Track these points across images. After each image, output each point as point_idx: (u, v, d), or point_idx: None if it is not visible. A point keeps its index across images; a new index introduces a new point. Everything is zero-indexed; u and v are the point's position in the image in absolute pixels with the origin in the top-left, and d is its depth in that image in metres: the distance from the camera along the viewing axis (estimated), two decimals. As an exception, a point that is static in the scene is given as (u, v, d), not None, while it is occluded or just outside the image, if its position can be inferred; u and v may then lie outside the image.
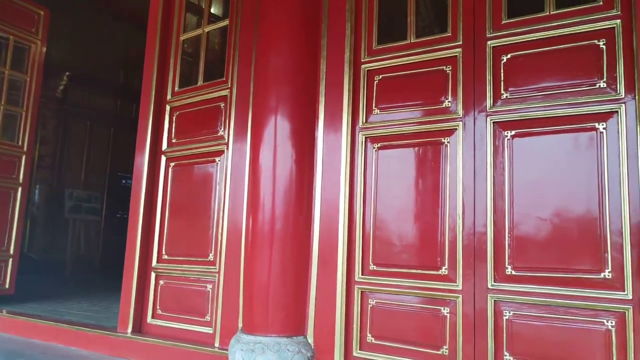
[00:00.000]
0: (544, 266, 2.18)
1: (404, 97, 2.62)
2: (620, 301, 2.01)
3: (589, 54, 2.18)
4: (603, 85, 2.14)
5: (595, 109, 2.13)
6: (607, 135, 2.11)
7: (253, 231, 2.66)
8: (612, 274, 2.04)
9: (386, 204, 2.59)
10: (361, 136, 2.69)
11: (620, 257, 2.03)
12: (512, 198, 2.27)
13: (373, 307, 2.55)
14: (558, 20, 2.25)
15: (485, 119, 2.35)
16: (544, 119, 2.24)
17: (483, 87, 2.37)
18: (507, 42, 2.35)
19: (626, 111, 2.07)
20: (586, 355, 2.06)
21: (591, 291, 2.07)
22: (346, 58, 2.74)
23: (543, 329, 2.15)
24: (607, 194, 2.08)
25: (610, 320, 2.03)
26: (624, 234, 2.03)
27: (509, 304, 2.23)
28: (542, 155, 2.24)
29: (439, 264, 2.40)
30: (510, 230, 2.25)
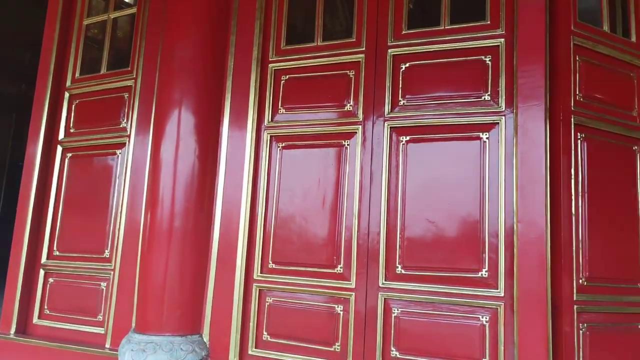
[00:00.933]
0: (431, 265, 2.31)
1: (309, 98, 2.66)
2: (494, 298, 2.18)
3: (477, 68, 2.34)
4: (488, 98, 2.30)
5: (481, 119, 2.30)
6: (489, 145, 2.28)
7: (151, 227, 2.57)
8: (488, 273, 2.21)
9: (288, 203, 2.62)
10: (266, 135, 2.69)
11: (495, 257, 2.20)
12: (405, 201, 2.38)
13: (270, 305, 2.56)
14: (451, 34, 2.39)
15: (383, 123, 2.45)
16: (437, 126, 2.37)
17: (383, 93, 2.47)
18: (406, 52, 2.47)
19: (506, 123, 2.24)
20: (464, 349, 2.20)
21: (470, 289, 2.22)
22: (254, 56, 2.73)
23: (427, 325, 2.27)
24: (487, 199, 2.24)
25: (485, 316, 2.19)
26: (500, 236, 2.19)
27: (397, 302, 2.33)
28: (433, 160, 2.37)
29: (335, 263, 2.46)
30: (402, 232, 2.36)
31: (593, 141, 2.31)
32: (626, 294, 2.32)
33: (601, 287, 2.24)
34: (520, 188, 2.16)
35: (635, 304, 2.32)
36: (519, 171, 2.17)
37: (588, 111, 2.30)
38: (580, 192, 2.24)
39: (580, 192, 2.24)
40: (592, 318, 2.19)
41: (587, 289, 2.19)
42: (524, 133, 2.18)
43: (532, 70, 2.20)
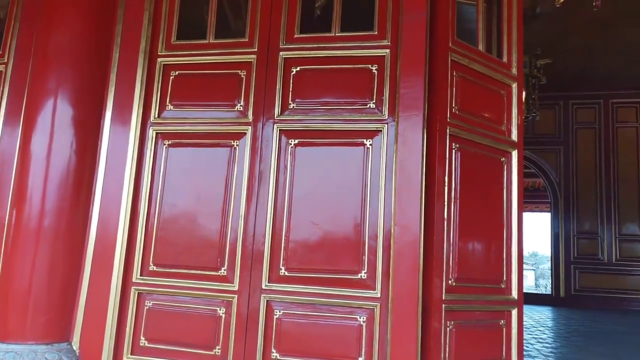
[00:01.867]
0: (314, 267, 2.34)
1: (199, 96, 2.60)
2: (372, 299, 2.26)
3: (364, 76, 2.42)
4: (373, 106, 2.39)
5: (365, 126, 2.38)
6: (372, 151, 2.36)
7: (16, 226, 2.37)
8: (367, 274, 2.28)
9: (173, 204, 2.54)
10: (152, 131, 2.58)
11: (374, 259, 2.28)
12: (292, 203, 2.40)
13: (149, 309, 2.46)
14: (341, 42, 2.45)
15: (272, 126, 2.45)
16: (324, 131, 2.42)
17: (273, 95, 2.47)
18: (298, 56, 2.49)
19: (388, 131, 2.34)
20: (342, 348, 2.26)
21: (350, 290, 2.28)
22: (141, 48, 2.61)
23: (308, 326, 2.31)
24: (369, 203, 2.32)
25: (363, 316, 2.26)
26: (379, 239, 2.28)
27: (280, 304, 2.34)
28: (320, 164, 2.42)
29: (218, 265, 2.42)
30: (287, 234, 2.38)
31: (466, 151, 2.48)
32: (491, 293, 2.52)
33: (468, 287, 2.41)
34: (398, 193, 2.26)
35: (499, 302, 2.54)
36: (397, 177, 2.27)
37: (463, 123, 2.47)
38: (453, 199, 2.40)
39: (453, 199, 2.39)
40: (459, 316, 2.35)
41: (455, 289, 2.35)
42: (403, 141, 2.29)
43: (413, 81, 2.31)
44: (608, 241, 8.87)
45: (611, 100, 9.18)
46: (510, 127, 2.70)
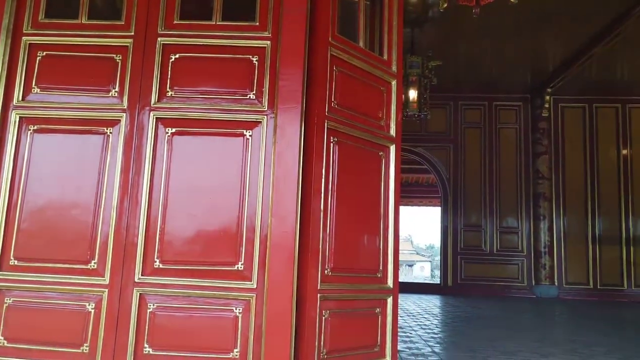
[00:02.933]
0: (191, 259, 2.30)
1: (70, 79, 2.43)
2: (248, 290, 2.26)
3: (244, 66, 2.41)
4: (253, 97, 2.39)
5: (245, 117, 2.37)
6: (252, 143, 2.36)
7: None
8: (244, 266, 2.29)
9: (38, 194, 2.36)
10: (15, 115, 2.38)
11: (251, 250, 2.29)
12: (168, 194, 2.33)
13: (10, 306, 2.27)
14: (222, 31, 2.42)
15: (149, 113, 2.36)
16: (203, 120, 2.37)
17: (150, 82, 2.38)
18: (177, 42, 2.42)
19: (267, 123, 2.35)
20: (217, 341, 2.24)
21: (227, 282, 2.27)
22: (4, 25, 2.39)
23: (183, 320, 2.26)
24: (247, 195, 2.32)
25: (239, 308, 2.26)
26: (257, 230, 2.29)
27: (154, 297, 2.27)
28: (199, 154, 2.37)
29: (88, 259, 2.29)
30: (163, 225, 2.30)
31: (344, 145, 2.56)
32: (367, 282, 2.63)
33: (344, 277, 2.50)
34: (276, 185, 2.29)
35: (375, 291, 2.66)
36: (275, 169, 2.30)
37: (342, 117, 2.54)
38: (330, 191, 2.46)
39: (330, 191, 2.46)
40: (335, 305, 2.43)
41: (331, 278, 2.42)
42: (281, 133, 2.32)
43: (292, 74, 2.35)
44: (490, 233, 9.70)
45: (495, 103, 10.01)
46: (389, 123, 2.84)
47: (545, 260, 9.27)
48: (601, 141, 9.66)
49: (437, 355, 3.52)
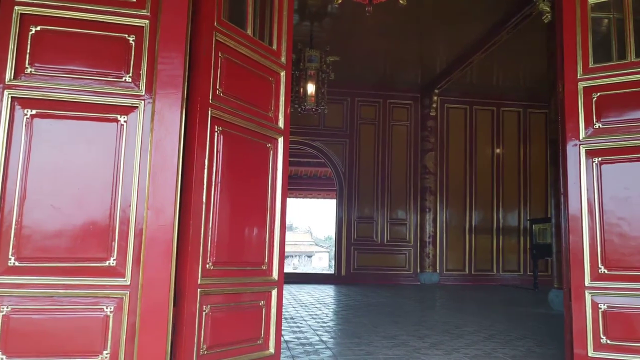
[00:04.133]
0: (54, 256, 2.08)
1: None
2: (121, 287, 2.10)
3: (119, 46, 2.22)
4: (129, 80, 2.22)
5: (119, 101, 2.19)
6: (127, 129, 2.19)
7: None
8: (117, 261, 2.12)
9: None
10: None
11: (125, 245, 2.13)
12: (26, 183, 2.08)
13: None
14: (94, 4, 2.20)
15: (2, 92, 2.08)
16: (71, 102, 2.15)
17: (5, 57, 2.09)
18: (38, 13, 2.15)
19: (145, 108, 2.20)
20: (85, 343, 2.06)
21: (96, 279, 2.09)
22: None
23: (45, 322, 2.04)
24: (121, 185, 2.16)
25: (110, 306, 2.10)
26: (131, 223, 2.14)
27: (8, 298, 2.02)
28: (65, 140, 2.14)
29: None
30: (19, 219, 2.05)
31: (230, 135, 2.48)
32: (251, 275, 2.58)
33: (227, 270, 2.43)
34: (153, 175, 2.15)
35: (259, 284, 2.62)
36: (153, 158, 2.16)
37: (227, 106, 2.46)
38: (214, 183, 2.38)
39: (214, 183, 2.37)
40: (217, 299, 2.36)
41: (213, 272, 2.34)
42: (160, 120, 2.18)
43: (172, 58, 2.21)
44: (381, 225, 10.15)
45: (389, 101, 10.46)
46: (278, 114, 2.81)
47: (429, 249, 9.95)
48: (479, 140, 10.55)
49: (324, 344, 3.59)
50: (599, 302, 2.64)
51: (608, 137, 2.71)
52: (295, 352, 3.26)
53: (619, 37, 2.85)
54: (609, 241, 2.66)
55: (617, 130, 2.71)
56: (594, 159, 2.74)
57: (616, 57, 2.86)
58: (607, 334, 2.60)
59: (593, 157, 2.74)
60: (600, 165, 2.73)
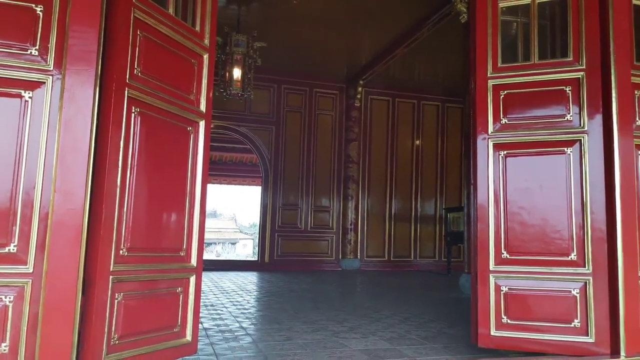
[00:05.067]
0: (-56, 242, 1.90)
1: None
2: (22, 275, 1.97)
3: (25, 16, 2.05)
4: (35, 53, 2.05)
5: (24, 75, 2.02)
6: (32, 106, 2.04)
7: None
8: (18, 247, 1.98)
9: None
10: None
11: (28, 229, 1.99)
12: None
13: None
14: (-5, -32, 2.01)
15: None
16: (-33, 74, 1.96)
17: None
18: None
19: (53, 85, 2.05)
20: (-20, 336, 1.91)
21: (-6, 267, 1.94)
22: None
23: None
24: (24, 166, 2.00)
25: (10, 296, 1.95)
26: (35, 206, 2.00)
27: None
28: (-42, 115, 1.95)
29: None
30: None
31: (148, 117, 2.39)
32: (169, 261, 2.52)
33: (143, 256, 2.35)
34: (61, 156, 2.02)
35: (177, 270, 2.56)
36: (61, 138, 2.02)
37: (145, 87, 2.36)
38: (130, 165, 2.28)
39: (129, 165, 2.27)
40: (130, 287, 2.27)
41: (127, 259, 2.25)
42: (70, 98, 2.04)
43: (84, 32, 2.08)
44: (305, 212, 10.26)
45: (315, 89, 10.54)
46: (200, 98, 2.73)
47: (351, 236, 10.22)
48: (400, 132, 10.95)
49: (244, 330, 3.59)
50: (501, 284, 2.87)
51: (512, 132, 2.93)
52: (214, 340, 3.24)
53: (525, 40, 3.07)
54: (511, 228, 2.89)
55: (520, 126, 2.93)
56: (500, 152, 2.95)
57: (522, 58, 3.08)
58: (508, 314, 2.84)
59: (499, 150, 2.95)
60: (505, 158, 2.94)
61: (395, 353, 3.00)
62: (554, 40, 3.21)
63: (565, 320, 2.74)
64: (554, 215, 2.83)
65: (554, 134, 2.88)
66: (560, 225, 2.82)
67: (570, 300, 2.75)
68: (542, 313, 2.78)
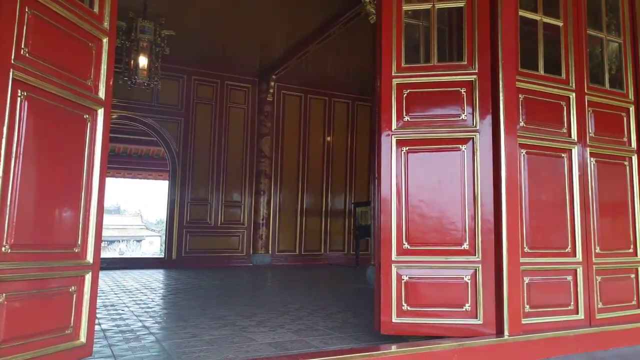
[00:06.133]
0: None
1: None
2: None
3: None
4: None
5: None
6: None
7: None
8: None
9: None
10: None
11: None
12: None
13: None
14: None
15: None
16: None
17: None
18: None
19: None
20: None
21: None
22: None
23: None
24: None
25: None
26: None
27: None
28: None
29: None
30: None
31: (38, 102, 2.20)
32: (61, 259, 2.34)
33: (30, 254, 2.17)
34: None
35: (70, 268, 2.39)
36: None
37: (34, 69, 2.17)
38: (15, 155, 2.08)
39: (14, 155, 2.08)
40: (16, 287, 2.09)
41: (12, 256, 2.06)
42: (-59, 77, 1.83)
43: (-41, 5, 1.87)
44: (216, 207, 10.06)
45: (227, 82, 10.35)
46: (98, 84, 2.57)
47: (262, 231, 10.19)
48: (312, 128, 11.10)
49: (147, 329, 3.45)
50: (402, 274, 3.02)
51: (414, 129, 3.10)
52: (113, 341, 3.07)
53: (427, 43, 3.25)
54: (412, 220, 3.05)
55: (421, 124, 3.10)
56: (403, 148, 3.10)
57: (424, 60, 3.26)
58: (408, 302, 3.00)
59: (402, 146, 3.10)
60: (407, 154, 3.10)
61: (302, 344, 3.05)
62: (451, 44, 3.44)
63: (458, 305, 2.95)
64: (450, 207, 3.04)
65: (451, 132, 3.08)
66: (455, 217, 3.02)
67: (463, 286, 2.97)
68: (438, 299, 2.98)
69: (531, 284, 3.07)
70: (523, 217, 3.09)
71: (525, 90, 3.21)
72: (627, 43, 3.74)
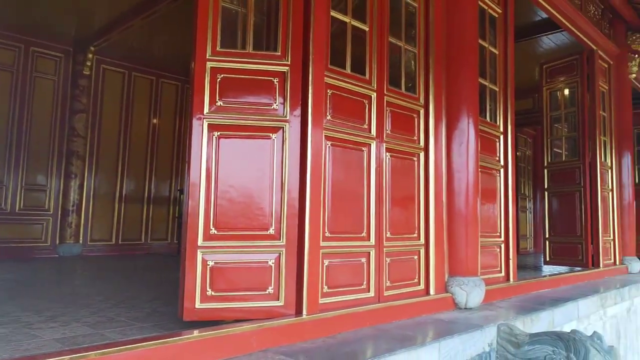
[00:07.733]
0: None
1: None
2: None
3: None
4: None
5: None
6: None
7: None
8: None
9: None
10: None
11: None
12: None
13: None
14: None
15: None
16: None
17: None
18: None
19: None
20: None
21: None
22: None
23: None
24: None
25: None
26: None
27: None
28: None
29: None
30: None
31: None
32: None
33: None
34: None
35: None
36: None
37: None
38: None
39: None
40: None
41: None
42: None
43: None
44: (13, 190, 8.77)
45: (32, 48, 9.06)
46: None
47: (72, 218, 9.17)
48: (137, 108, 10.34)
49: None
50: (208, 259, 2.99)
51: (226, 114, 3.09)
52: None
53: (244, 29, 3.26)
54: (220, 206, 3.04)
55: (234, 109, 3.11)
56: (215, 133, 3.07)
57: (240, 46, 3.27)
58: (213, 287, 2.98)
59: (214, 131, 3.07)
60: (219, 138, 3.07)
61: (97, 337, 2.83)
62: (269, 34, 3.51)
63: (261, 289, 3.05)
64: (259, 194, 3.11)
65: (263, 120, 3.14)
66: (263, 202, 3.11)
67: (267, 270, 3.07)
68: (243, 283, 3.03)
69: (330, 265, 3.32)
70: (326, 204, 3.31)
71: (333, 86, 3.44)
72: (421, 54, 4.28)
